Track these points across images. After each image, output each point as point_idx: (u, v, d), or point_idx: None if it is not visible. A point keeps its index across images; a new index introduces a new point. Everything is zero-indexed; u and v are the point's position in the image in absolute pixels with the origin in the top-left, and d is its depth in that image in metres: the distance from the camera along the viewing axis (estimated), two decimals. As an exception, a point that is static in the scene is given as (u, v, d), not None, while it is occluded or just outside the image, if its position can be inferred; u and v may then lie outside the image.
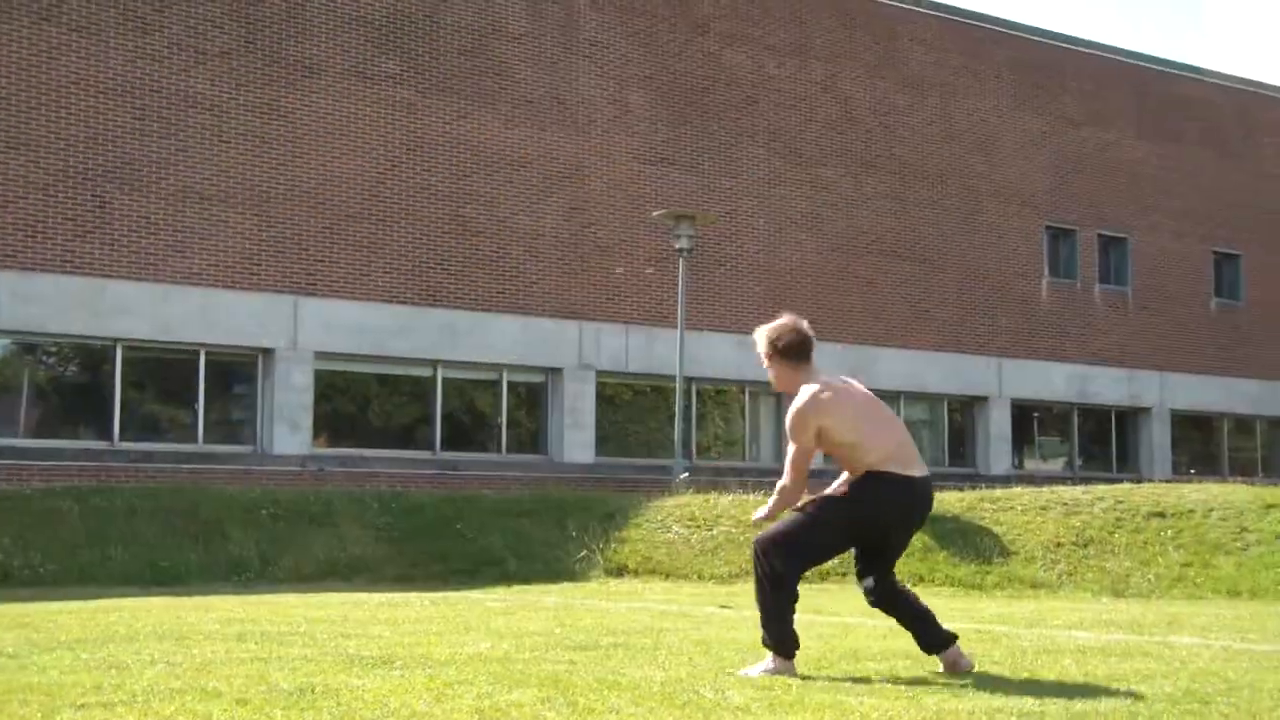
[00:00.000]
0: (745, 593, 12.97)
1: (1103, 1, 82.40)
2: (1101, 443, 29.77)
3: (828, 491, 6.46)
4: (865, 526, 6.29)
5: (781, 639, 6.18)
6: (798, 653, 6.23)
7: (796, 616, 6.24)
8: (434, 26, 22.26)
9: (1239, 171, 31.68)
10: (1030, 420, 28.90)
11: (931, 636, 6.35)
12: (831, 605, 10.81)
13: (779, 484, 6.41)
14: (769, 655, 6.20)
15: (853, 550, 6.49)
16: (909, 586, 6.46)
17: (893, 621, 6.52)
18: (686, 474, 19.14)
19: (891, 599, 6.38)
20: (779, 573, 6.18)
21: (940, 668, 6.30)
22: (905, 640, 7.51)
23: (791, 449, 6.28)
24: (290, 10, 21.03)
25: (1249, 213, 31.64)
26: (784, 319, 6.45)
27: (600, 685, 5.54)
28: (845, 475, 6.42)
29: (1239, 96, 32.08)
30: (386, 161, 21.60)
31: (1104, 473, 27.97)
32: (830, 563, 14.25)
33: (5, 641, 7.25)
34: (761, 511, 6.45)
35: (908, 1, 27.43)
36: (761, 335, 6.45)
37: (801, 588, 6.26)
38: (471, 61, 22.55)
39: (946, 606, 9.98)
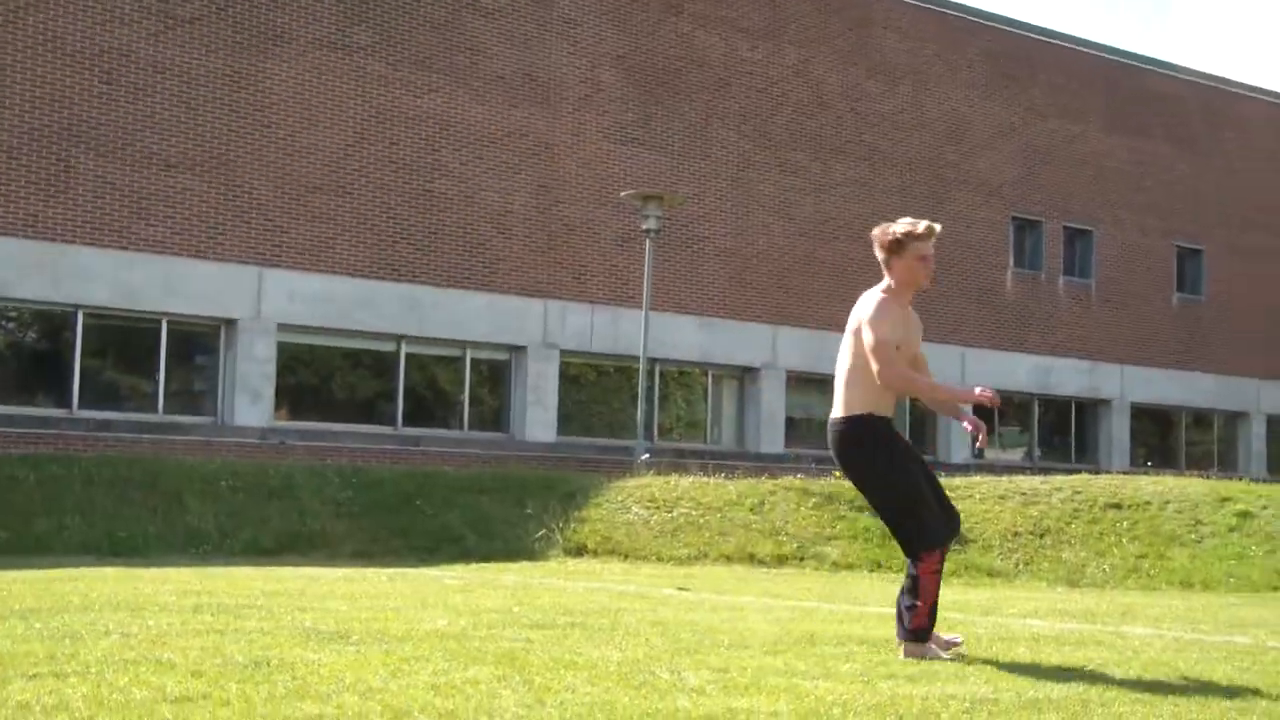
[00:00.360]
0: (703, 575, 13.00)
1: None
2: (1061, 434, 30.00)
3: None
4: None
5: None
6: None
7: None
8: (406, -1, 22.11)
9: (1204, 167, 31.91)
10: (991, 410, 29.02)
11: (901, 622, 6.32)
12: (787, 589, 10.85)
13: None
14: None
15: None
16: (909, 574, 6.32)
17: (849, 606, 6.55)
18: (648, 455, 19.16)
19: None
20: None
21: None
22: (861, 626, 7.56)
23: None
24: (261, -22, 20.83)
25: (1213, 208, 31.89)
26: None
27: (556, 664, 5.54)
28: None
29: (1205, 92, 32.29)
30: (355, 133, 21.46)
31: (1063, 463, 28.20)
32: (789, 546, 14.32)
33: (-43, 608, 7.18)
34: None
35: (881, -12, 27.45)
36: None
37: (760, 571, 6.27)
38: (444, 36, 22.42)
39: (903, 593, 10.00)
